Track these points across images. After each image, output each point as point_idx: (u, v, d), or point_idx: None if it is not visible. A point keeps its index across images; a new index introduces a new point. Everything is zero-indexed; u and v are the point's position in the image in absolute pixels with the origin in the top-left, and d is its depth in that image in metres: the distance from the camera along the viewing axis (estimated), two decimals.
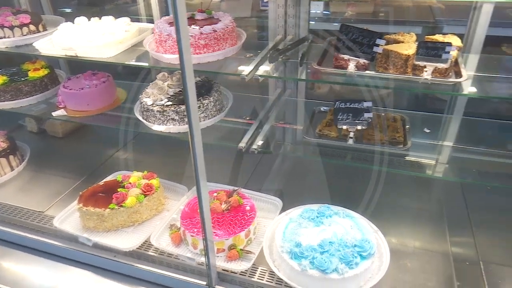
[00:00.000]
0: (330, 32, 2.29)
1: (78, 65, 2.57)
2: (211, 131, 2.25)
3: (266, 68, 2.03)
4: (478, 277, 1.90)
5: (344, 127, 1.99)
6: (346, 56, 1.82)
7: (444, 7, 3.26)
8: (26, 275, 2.19)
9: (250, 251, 1.99)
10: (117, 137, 3.02)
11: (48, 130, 3.26)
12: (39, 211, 2.41)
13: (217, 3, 3.23)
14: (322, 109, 2.42)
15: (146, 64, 2.23)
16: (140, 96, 2.30)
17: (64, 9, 3.61)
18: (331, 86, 3.11)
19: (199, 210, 1.70)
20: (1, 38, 2.36)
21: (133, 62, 2.22)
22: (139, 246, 2.08)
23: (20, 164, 2.79)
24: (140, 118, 2.28)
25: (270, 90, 2.67)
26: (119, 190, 2.22)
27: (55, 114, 2.44)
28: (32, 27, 2.44)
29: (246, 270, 1.94)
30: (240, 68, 2.02)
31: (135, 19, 2.66)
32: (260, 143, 2.13)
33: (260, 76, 1.96)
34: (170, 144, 2.74)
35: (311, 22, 3.06)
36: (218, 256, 1.99)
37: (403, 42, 1.89)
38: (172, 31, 2.06)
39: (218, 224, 2.06)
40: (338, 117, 1.97)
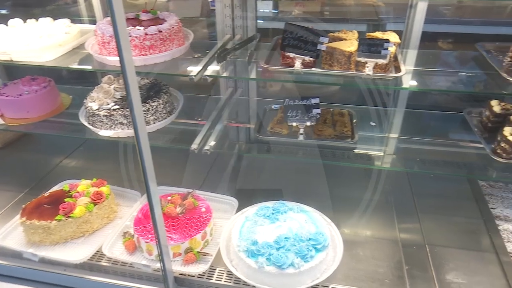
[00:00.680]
0: (278, 31, 2.32)
1: (17, 70, 2.41)
2: (162, 134, 2.20)
3: (215, 68, 2.03)
4: (424, 259, 2.02)
5: (294, 124, 2.02)
6: (292, 54, 1.85)
7: (385, 5, 3.41)
8: None
9: (207, 253, 1.98)
10: (62, 145, 2.87)
11: None
12: None
13: (163, 4, 3.16)
14: (273, 107, 2.44)
15: (90, 67, 2.14)
16: (85, 101, 2.21)
17: None
18: (283, 84, 3.15)
19: (150, 215, 1.66)
20: None
21: (75, 66, 2.13)
22: (91, 257, 1.99)
23: None
24: (86, 124, 2.19)
25: (221, 90, 2.66)
26: (66, 200, 2.11)
27: None
28: None
29: (204, 272, 1.92)
30: (189, 68, 2.00)
31: (77, 20, 2.54)
32: (212, 143, 2.12)
33: (209, 76, 1.95)
34: (121, 149, 2.65)
35: (259, 21, 3.09)
36: (174, 261, 1.95)
37: (346, 40, 1.95)
38: None
39: (173, 228, 2.02)
40: (288, 114, 2.00)
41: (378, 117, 2.39)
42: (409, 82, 1.92)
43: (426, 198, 2.38)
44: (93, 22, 2.57)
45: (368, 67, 1.81)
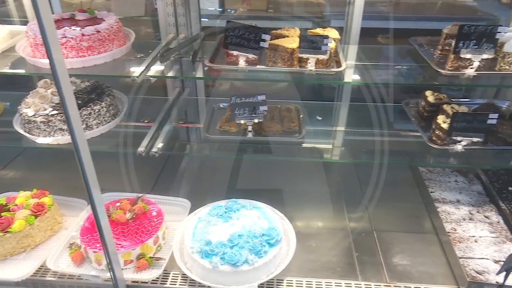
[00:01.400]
0: (223, 29, 2.31)
1: None
2: (107, 138, 2.13)
3: (158, 68, 1.98)
4: (372, 245, 2.11)
5: (242, 121, 2.03)
6: (235, 52, 1.86)
7: (328, 2, 3.52)
8: None
9: (160, 258, 1.93)
10: None
11: None
12: None
13: (104, 3, 3.04)
14: (221, 105, 2.43)
15: (23, 71, 2.01)
16: (19, 107, 2.07)
17: None
18: (232, 82, 3.15)
19: (96, 223, 1.59)
20: None
21: (7, 70, 1.99)
22: (34, 273, 1.87)
23: None
24: (22, 132, 2.05)
25: (168, 90, 2.61)
26: (3, 214, 1.97)
27: None
28: None
29: (158, 278, 1.88)
30: (131, 69, 1.94)
31: (7, 21, 2.38)
32: (160, 145, 2.07)
33: (152, 76, 1.91)
34: (63, 156, 2.51)
35: (205, 20, 3.06)
36: (126, 268, 1.89)
37: (288, 37, 1.99)
38: None
39: (123, 234, 1.95)
40: (235, 112, 2.00)
41: (324, 111, 2.46)
42: (351, 76, 2.00)
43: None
44: (24, 23, 2.41)
45: (310, 63, 1.85)
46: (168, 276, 1.91)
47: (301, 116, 2.32)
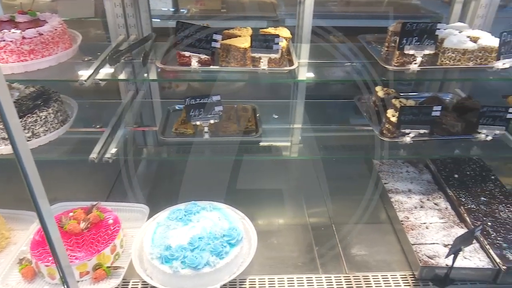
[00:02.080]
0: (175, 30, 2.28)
1: None
2: (56, 145, 2.03)
3: (108, 71, 1.92)
4: (332, 238, 2.17)
5: (198, 122, 2.01)
6: (187, 53, 1.83)
7: (281, 1, 3.56)
8: None
9: (118, 266, 1.87)
10: None
11: None
12: None
13: (48, 4, 2.90)
14: (177, 107, 2.39)
15: None
16: None
17: None
18: (188, 84, 3.11)
19: (45, 236, 1.51)
20: None
21: None
22: None
23: None
24: None
25: (121, 93, 2.53)
26: None
27: None
28: None
29: (116, 287, 1.82)
30: (79, 73, 1.86)
31: None
32: (114, 150, 2.01)
33: (101, 80, 1.85)
34: (8, 167, 2.36)
35: (157, 20, 2.99)
36: (82, 280, 1.82)
37: (240, 36, 1.99)
38: None
39: (77, 245, 1.87)
40: (191, 113, 1.98)
41: (280, 109, 2.49)
42: (304, 74, 2.04)
43: (330, 181, 2.55)
44: None
45: (262, 62, 1.87)
46: (128, 284, 1.86)
47: (257, 115, 2.33)
